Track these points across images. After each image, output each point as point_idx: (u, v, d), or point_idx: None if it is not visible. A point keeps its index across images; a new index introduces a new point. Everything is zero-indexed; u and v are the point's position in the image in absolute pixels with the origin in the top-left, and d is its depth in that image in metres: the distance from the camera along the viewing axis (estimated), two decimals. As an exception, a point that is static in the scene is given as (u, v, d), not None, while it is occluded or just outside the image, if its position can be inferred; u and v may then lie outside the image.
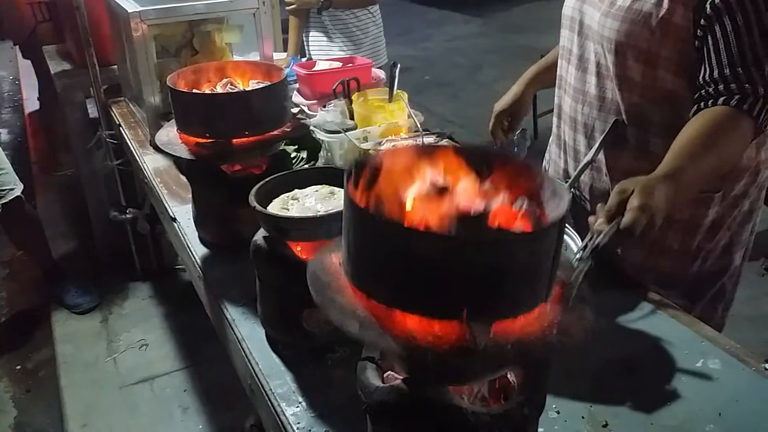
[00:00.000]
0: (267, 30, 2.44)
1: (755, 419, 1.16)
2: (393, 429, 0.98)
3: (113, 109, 2.98)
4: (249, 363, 1.38)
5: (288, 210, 1.35)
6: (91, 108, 3.39)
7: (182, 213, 1.95)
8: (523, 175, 0.92)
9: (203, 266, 1.73)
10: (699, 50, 1.38)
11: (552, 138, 1.82)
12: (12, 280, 3.91)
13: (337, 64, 2.64)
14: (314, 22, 3.58)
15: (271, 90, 1.70)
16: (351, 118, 2.14)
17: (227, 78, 1.83)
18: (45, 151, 5.46)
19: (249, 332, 1.45)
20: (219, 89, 1.80)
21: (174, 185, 2.15)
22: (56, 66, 3.53)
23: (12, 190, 3.19)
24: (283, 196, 1.40)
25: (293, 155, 2.08)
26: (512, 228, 0.87)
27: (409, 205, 0.88)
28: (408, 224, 0.84)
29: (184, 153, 1.68)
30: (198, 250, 1.78)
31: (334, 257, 0.96)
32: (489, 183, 0.92)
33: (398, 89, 2.23)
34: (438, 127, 2.17)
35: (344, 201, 0.88)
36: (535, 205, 0.90)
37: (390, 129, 2.09)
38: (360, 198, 0.89)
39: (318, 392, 1.27)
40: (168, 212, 2.00)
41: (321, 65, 2.65)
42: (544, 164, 1.91)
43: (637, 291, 1.50)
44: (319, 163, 2.02)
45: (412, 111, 2.08)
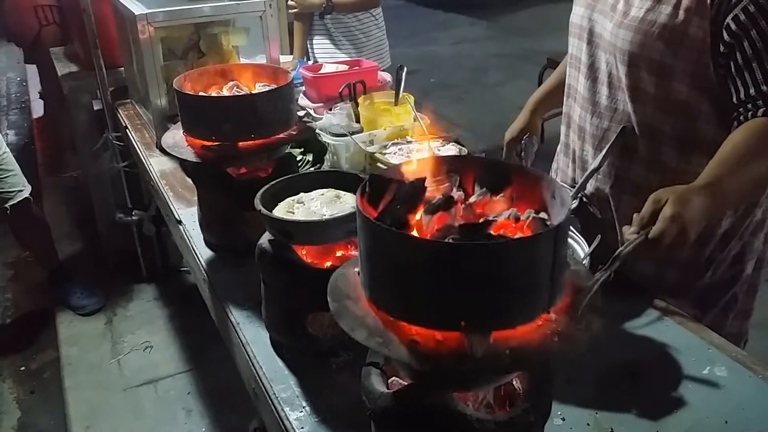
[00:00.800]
0: (273, 33, 2.44)
1: (762, 427, 1.15)
2: (398, 435, 0.97)
3: (120, 111, 2.98)
4: (253, 366, 1.38)
5: (293, 214, 1.35)
6: (98, 108, 3.40)
7: (188, 215, 1.95)
8: (535, 186, 0.94)
9: (208, 269, 1.72)
10: (723, 66, 1.36)
11: (560, 146, 1.81)
12: (17, 282, 3.92)
13: (344, 67, 2.64)
14: (318, 27, 3.59)
15: (278, 93, 1.70)
16: (357, 121, 2.14)
17: (233, 81, 1.83)
18: (51, 153, 5.47)
19: (253, 336, 1.45)
20: (225, 92, 1.80)
21: (180, 188, 2.15)
22: (63, 68, 3.54)
23: (21, 192, 3.21)
24: (289, 200, 1.39)
25: (299, 158, 2.08)
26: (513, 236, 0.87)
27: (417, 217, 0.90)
28: (406, 233, 0.87)
29: (190, 156, 1.67)
30: (203, 253, 1.78)
31: (356, 269, 0.97)
32: (501, 195, 0.95)
33: (404, 92, 2.23)
34: (443, 131, 2.16)
35: (356, 211, 0.89)
36: (544, 216, 0.90)
37: (396, 132, 2.08)
38: (368, 209, 0.91)
39: (322, 397, 1.27)
40: (174, 215, 2.00)
41: (327, 68, 2.65)
42: (552, 172, 1.90)
43: (644, 297, 1.49)
44: (325, 167, 2.02)
45: (419, 114, 2.07)
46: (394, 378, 1.03)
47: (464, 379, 0.93)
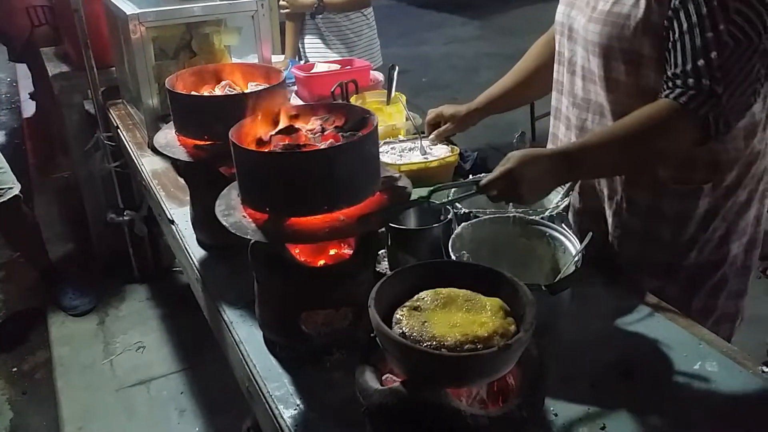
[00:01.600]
0: (265, 32, 2.44)
1: (752, 421, 1.16)
2: (392, 431, 0.98)
3: (111, 112, 2.98)
4: (247, 365, 1.38)
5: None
6: (89, 108, 3.39)
7: (180, 215, 1.95)
8: (351, 115, 1.38)
9: (201, 268, 1.72)
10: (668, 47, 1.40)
11: (549, 138, 1.83)
12: (8, 282, 3.90)
13: (336, 67, 2.65)
14: (309, 26, 3.60)
15: (269, 92, 1.70)
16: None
17: (226, 80, 1.83)
18: (42, 154, 5.45)
19: (247, 335, 1.45)
20: (218, 91, 1.80)
21: (172, 187, 2.14)
22: (54, 68, 3.53)
23: (10, 189, 3.21)
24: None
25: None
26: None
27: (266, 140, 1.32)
28: (248, 147, 1.28)
29: (183, 155, 1.67)
30: (196, 253, 1.78)
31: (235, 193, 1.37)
32: (326, 123, 1.37)
33: (396, 91, 2.23)
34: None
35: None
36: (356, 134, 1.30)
37: (388, 131, 2.09)
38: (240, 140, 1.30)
39: (316, 395, 1.27)
40: (166, 214, 2.00)
41: (319, 68, 2.65)
42: None
43: (635, 294, 1.50)
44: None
45: (411, 114, 2.08)
46: (388, 375, 1.04)
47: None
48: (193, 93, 1.77)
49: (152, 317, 3.50)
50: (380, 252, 1.58)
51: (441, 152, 1.97)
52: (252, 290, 1.41)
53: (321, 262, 1.35)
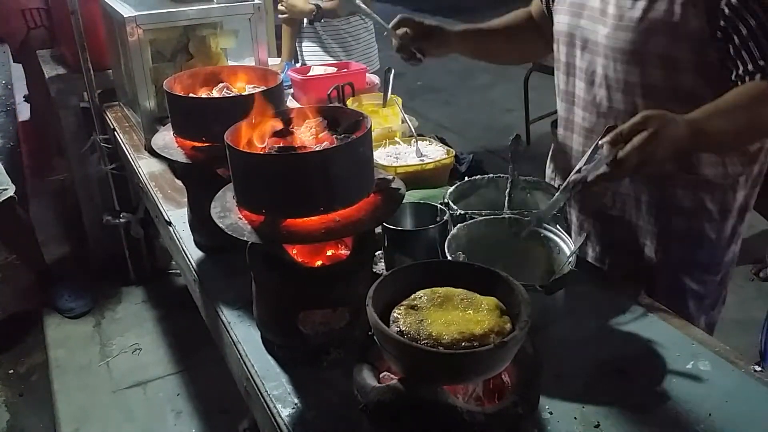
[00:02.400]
0: (262, 35, 2.45)
1: (744, 420, 1.17)
2: (389, 428, 0.99)
3: (107, 114, 2.98)
4: (244, 365, 1.39)
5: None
6: (85, 111, 3.40)
7: (177, 217, 1.96)
8: (346, 118, 1.39)
9: (198, 269, 1.73)
10: (721, 50, 1.41)
11: (556, 149, 1.82)
12: (4, 284, 3.90)
13: (332, 70, 2.66)
14: (307, 31, 3.61)
15: (266, 94, 1.71)
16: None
17: (223, 83, 1.84)
18: (38, 156, 5.45)
19: (244, 335, 1.46)
20: (215, 94, 1.81)
21: (169, 189, 2.15)
22: (50, 70, 3.53)
23: (5, 191, 3.21)
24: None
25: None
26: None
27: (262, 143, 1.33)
28: (243, 149, 1.28)
29: (181, 157, 1.69)
30: (193, 254, 1.79)
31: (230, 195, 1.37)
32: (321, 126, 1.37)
33: (392, 94, 2.25)
34: (432, 132, 2.19)
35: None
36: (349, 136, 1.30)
37: (384, 134, 2.10)
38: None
39: (313, 393, 1.28)
40: (163, 216, 2.01)
41: (315, 70, 2.67)
42: (550, 173, 1.91)
43: (629, 295, 1.51)
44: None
45: (407, 117, 2.09)
46: (385, 373, 1.05)
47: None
48: (191, 95, 1.78)
49: (148, 319, 3.50)
50: (377, 253, 1.59)
51: (436, 154, 1.98)
52: (249, 291, 1.42)
53: (318, 263, 1.36)
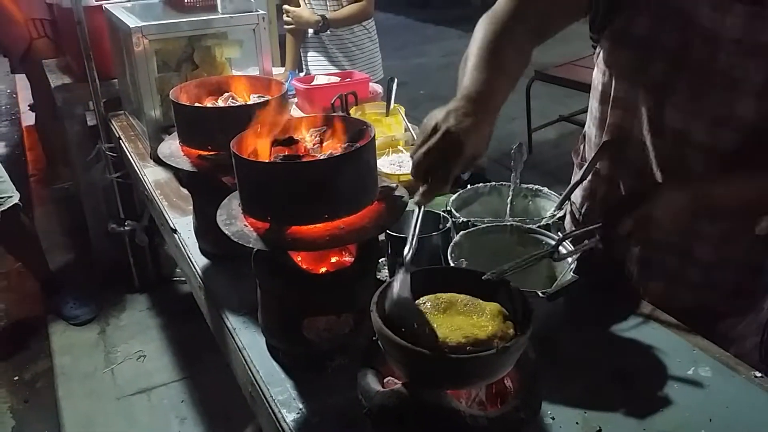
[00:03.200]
0: (266, 45, 2.47)
1: (745, 426, 1.18)
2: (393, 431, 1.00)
3: (113, 123, 3.01)
4: (249, 370, 1.40)
5: None
6: (90, 120, 3.43)
7: (183, 224, 1.98)
8: (349, 126, 1.41)
9: (204, 277, 1.75)
10: None
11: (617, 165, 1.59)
12: (10, 291, 3.93)
13: (336, 79, 2.68)
14: (312, 41, 3.64)
15: (271, 103, 1.73)
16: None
17: (228, 92, 1.86)
18: (43, 165, 5.48)
19: (249, 341, 1.48)
20: (221, 103, 1.83)
21: (174, 197, 2.17)
22: (56, 80, 3.56)
23: (10, 198, 3.24)
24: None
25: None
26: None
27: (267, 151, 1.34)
28: (249, 158, 1.29)
29: (187, 165, 1.70)
30: (199, 261, 1.81)
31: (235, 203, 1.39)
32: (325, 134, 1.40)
33: (395, 103, 2.27)
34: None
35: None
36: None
37: (388, 142, 2.12)
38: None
39: (318, 399, 1.29)
40: (169, 224, 2.03)
41: (319, 80, 2.69)
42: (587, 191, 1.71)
43: (630, 302, 1.52)
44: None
45: (410, 125, 2.11)
46: (389, 378, 1.07)
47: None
48: (197, 104, 1.80)
49: (153, 326, 3.52)
50: (380, 260, 1.60)
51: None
52: (254, 297, 1.43)
53: (323, 270, 1.37)
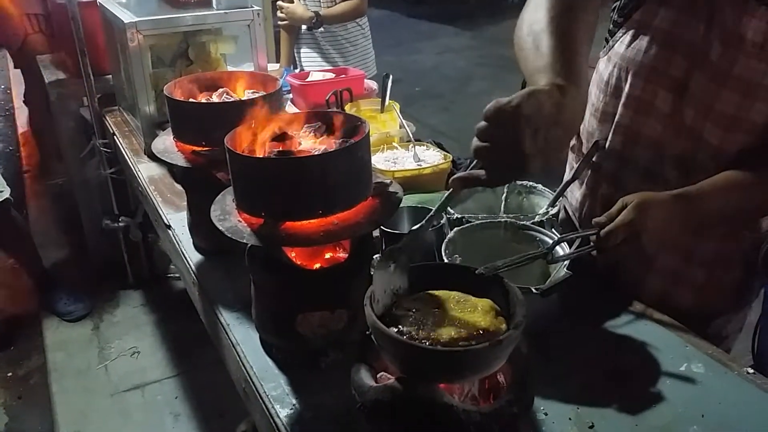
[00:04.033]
0: (261, 41, 2.47)
1: (737, 422, 1.19)
2: (387, 427, 1.01)
3: (107, 118, 3.00)
4: (243, 366, 1.40)
5: None
6: (85, 115, 3.42)
7: (177, 220, 1.98)
8: (344, 123, 1.39)
9: (198, 272, 1.75)
10: None
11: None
12: (3, 287, 3.91)
13: (331, 75, 2.68)
14: (305, 37, 3.64)
15: (266, 99, 1.73)
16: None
17: (223, 88, 1.86)
18: (37, 160, 5.47)
19: (243, 336, 1.48)
20: (215, 99, 1.82)
21: (168, 193, 2.17)
22: (50, 75, 3.55)
23: (0, 193, 3.22)
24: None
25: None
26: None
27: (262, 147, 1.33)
28: (243, 153, 1.28)
29: (181, 161, 1.70)
30: (193, 257, 1.81)
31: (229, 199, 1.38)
32: (321, 131, 1.38)
33: (390, 100, 2.27)
34: (430, 138, 2.20)
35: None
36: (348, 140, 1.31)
37: (382, 138, 2.12)
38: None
39: (312, 395, 1.30)
40: (163, 219, 2.03)
41: (314, 76, 2.69)
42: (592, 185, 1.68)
43: (623, 299, 1.53)
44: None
45: (405, 122, 2.11)
46: (383, 373, 1.07)
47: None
48: (191, 100, 1.80)
49: (147, 323, 3.52)
50: (375, 256, 1.60)
51: (434, 159, 2.00)
52: (248, 293, 1.43)
53: (317, 266, 1.37)
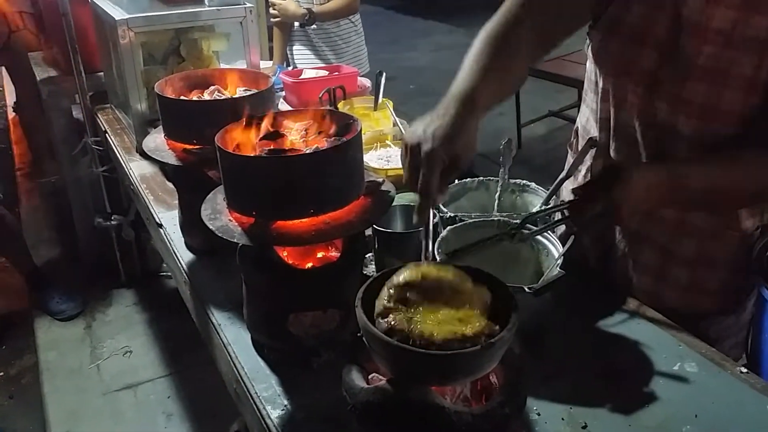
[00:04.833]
0: (254, 38, 2.45)
1: (730, 421, 1.19)
2: (378, 428, 1.00)
3: (99, 116, 2.99)
4: (234, 367, 1.39)
5: None
6: (77, 113, 3.40)
7: (168, 219, 1.96)
8: (336, 121, 1.37)
9: (189, 272, 1.74)
10: None
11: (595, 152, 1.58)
12: (-6, 286, 3.90)
13: (324, 73, 2.67)
14: (298, 34, 3.63)
15: (258, 97, 1.72)
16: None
17: (215, 85, 1.85)
18: (29, 159, 5.44)
19: (235, 336, 1.47)
20: (206, 96, 1.81)
21: (160, 191, 2.15)
22: (42, 73, 3.53)
23: None
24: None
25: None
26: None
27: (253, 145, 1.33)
28: (234, 152, 1.28)
29: (172, 159, 1.69)
30: (184, 256, 1.80)
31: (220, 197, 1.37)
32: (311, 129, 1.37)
33: (383, 98, 2.26)
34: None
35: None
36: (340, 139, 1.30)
37: (375, 136, 2.11)
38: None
39: (303, 395, 1.29)
40: (154, 218, 2.01)
41: (307, 74, 2.68)
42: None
43: (616, 298, 1.52)
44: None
45: (398, 120, 2.10)
46: (374, 374, 1.06)
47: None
48: (183, 98, 1.78)
49: (139, 322, 3.50)
50: (367, 255, 1.60)
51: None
52: (240, 292, 1.42)
53: (309, 265, 1.37)
